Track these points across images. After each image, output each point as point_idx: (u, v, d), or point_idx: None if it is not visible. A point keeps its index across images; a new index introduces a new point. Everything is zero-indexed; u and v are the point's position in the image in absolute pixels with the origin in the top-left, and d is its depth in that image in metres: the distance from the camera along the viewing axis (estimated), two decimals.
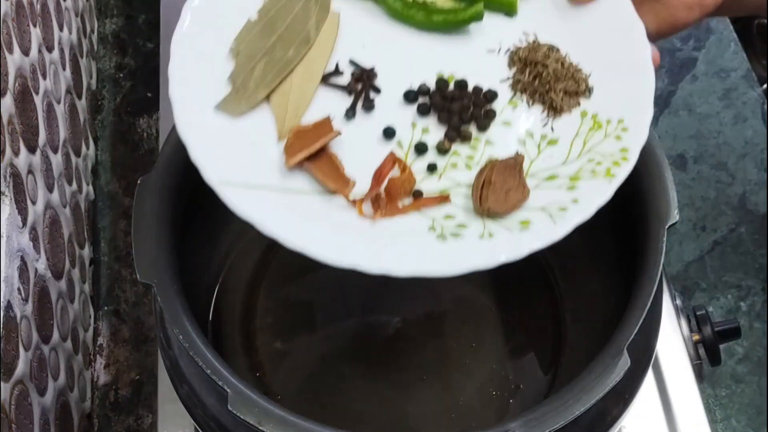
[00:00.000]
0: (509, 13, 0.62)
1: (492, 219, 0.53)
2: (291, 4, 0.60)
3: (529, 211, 0.53)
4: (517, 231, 0.52)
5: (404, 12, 0.61)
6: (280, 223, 0.52)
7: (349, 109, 0.58)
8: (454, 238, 0.53)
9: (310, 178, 0.55)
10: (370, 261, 0.51)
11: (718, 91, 0.96)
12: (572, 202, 0.53)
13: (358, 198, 0.54)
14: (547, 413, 0.52)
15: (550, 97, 0.58)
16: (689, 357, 0.73)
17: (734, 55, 0.98)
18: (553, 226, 0.52)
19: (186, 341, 0.55)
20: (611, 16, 0.60)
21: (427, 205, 0.54)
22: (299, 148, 0.55)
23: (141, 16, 1.03)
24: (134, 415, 0.79)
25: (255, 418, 0.52)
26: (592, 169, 0.55)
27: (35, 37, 0.76)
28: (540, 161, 0.56)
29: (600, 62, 0.59)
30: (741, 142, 0.92)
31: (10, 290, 0.63)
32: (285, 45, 0.59)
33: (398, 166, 0.56)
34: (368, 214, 0.54)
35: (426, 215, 0.54)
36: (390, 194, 0.54)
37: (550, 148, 0.57)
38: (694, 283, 0.84)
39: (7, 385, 0.60)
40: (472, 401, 0.69)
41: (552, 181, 0.55)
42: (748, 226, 0.87)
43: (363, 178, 0.55)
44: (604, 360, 0.54)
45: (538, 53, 0.59)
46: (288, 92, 0.58)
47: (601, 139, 0.56)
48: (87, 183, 0.88)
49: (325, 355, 0.72)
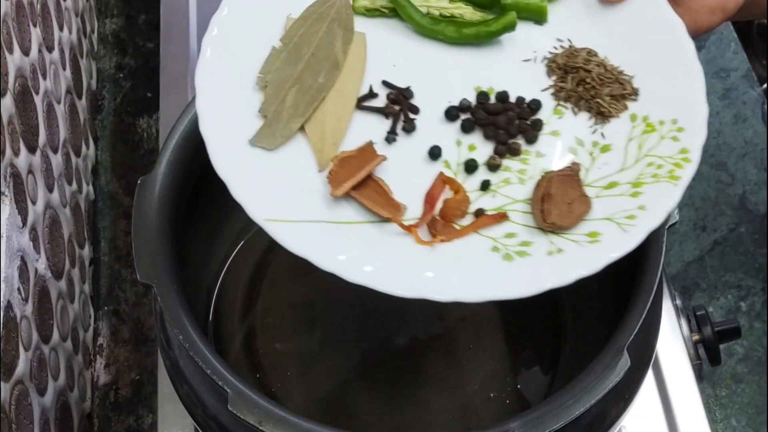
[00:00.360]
0: (539, 20, 0.60)
1: (557, 234, 0.52)
2: (314, 29, 0.58)
3: (595, 222, 0.52)
4: (587, 244, 0.51)
5: (434, 27, 0.59)
6: (338, 258, 0.50)
7: (390, 132, 0.56)
8: (521, 257, 0.51)
9: (358, 207, 0.53)
10: (439, 290, 0.49)
11: (718, 91, 0.96)
12: (639, 209, 0.51)
13: (413, 223, 0.52)
14: (547, 413, 0.52)
15: (597, 102, 0.56)
16: (689, 357, 0.73)
17: (734, 55, 0.98)
18: (624, 234, 0.51)
19: (186, 341, 0.55)
20: (646, 14, 0.59)
21: (486, 225, 0.52)
22: (344, 176, 0.52)
23: (141, 16, 1.03)
24: (134, 415, 0.79)
25: (255, 418, 0.52)
26: (653, 173, 0.53)
27: (35, 37, 0.76)
28: (595, 170, 0.55)
29: (642, 62, 0.58)
30: (741, 142, 0.92)
31: (10, 290, 0.63)
32: (314, 71, 0.57)
33: (450, 187, 0.54)
34: (426, 239, 0.52)
35: (485, 236, 0.52)
36: (446, 217, 0.53)
37: (604, 155, 0.55)
38: (694, 283, 0.84)
39: (7, 385, 0.60)
40: (472, 401, 0.69)
41: (613, 188, 0.53)
42: (748, 226, 0.87)
43: (413, 201, 0.53)
44: (604, 360, 0.54)
45: (577, 58, 0.58)
46: (323, 120, 0.56)
47: (657, 141, 0.55)
48: (87, 183, 0.88)
49: (324, 355, 0.72)
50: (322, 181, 0.54)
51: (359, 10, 0.60)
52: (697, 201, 0.89)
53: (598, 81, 0.57)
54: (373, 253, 0.51)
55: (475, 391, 0.70)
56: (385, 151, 0.55)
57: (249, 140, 0.54)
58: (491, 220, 0.53)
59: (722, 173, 0.90)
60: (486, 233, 0.52)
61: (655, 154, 0.54)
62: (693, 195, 0.89)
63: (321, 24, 0.59)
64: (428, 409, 0.69)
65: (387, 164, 0.54)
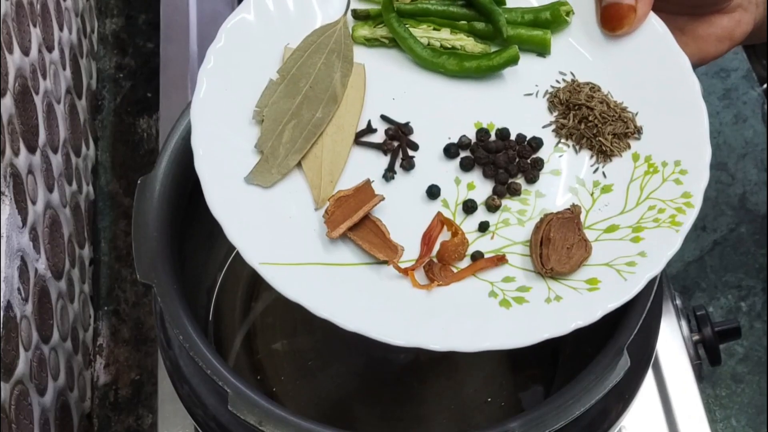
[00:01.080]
0: (542, 52, 0.59)
1: (555, 279, 0.51)
2: (312, 60, 0.57)
3: (595, 268, 0.51)
4: (586, 292, 0.50)
5: (434, 60, 0.58)
6: (333, 304, 0.49)
7: (388, 170, 0.55)
8: (519, 304, 0.50)
9: (355, 249, 0.52)
10: (436, 338, 0.48)
11: (718, 91, 0.96)
12: (639, 256, 0.51)
13: (409, 266, 0.51)
14: (547, 413, 0.52)
15: (599, 141, 0.55)
16: (689, 357, 0.73)
17: (734, 55, 0.98)
18: (624, 283, 0.50)
19: (186, 341, 0.55)
20: (653, 50, 0.57)
21: (484, 268, 0.51)
22: (341, 217, 0.51)
23: (141, 16, 1.03)
24: (134, 415, 0.79)
25: (255, 419, 0.52)
26: (654, 217, 0.52)
27: (35, 37, 0.76)
28: (596, 211, 0.54)
29: (645, 99, 0.57)
30: (741, 142, 0.92)
31: (10, 290, 0.63)
32: (312, 105, 0.56)
33: (447, 228, 0.53)
34: (422, 282, 0.51)
35: (483, 279, 0.51)
36: (443, 259, 0.52)
37: (605, 196, 0.54)
38: (694, 283, 0.84)
39: (7, 385, 0.60)
40: (472, 401, 0.69)
41: (613, 232, 0.52)
42: (748, 226, 0.87)
43: (410, 242, 0.52)
44: (604, 360, 0.54)
45: (580, 94, 0.56)
46: (320, 156, 0.55)
47: (659, 183, 0.54)
48: (87, 183, 0.88)
49: (324, 356, 0.72)
50: (318, 220, 0.53)
51: (359, 40, 0.59)
52: None
53: (600, 119, 0.56)
54: (369, 298, 0.50)
55: (474, 390, 0.70)
56: (383, 188, 0.54)
57: (245, 178, 0.54)
58: (490, 263, 0.52)
59: (722, 173, 0.90)
60: (484, 277, 0.52)
61: (657, 197, 0.53)
62: None
63: (320, 55, 0.57)
64: (428, 409, 0.69)
65: (384, 203, 0.53)
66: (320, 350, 0.72)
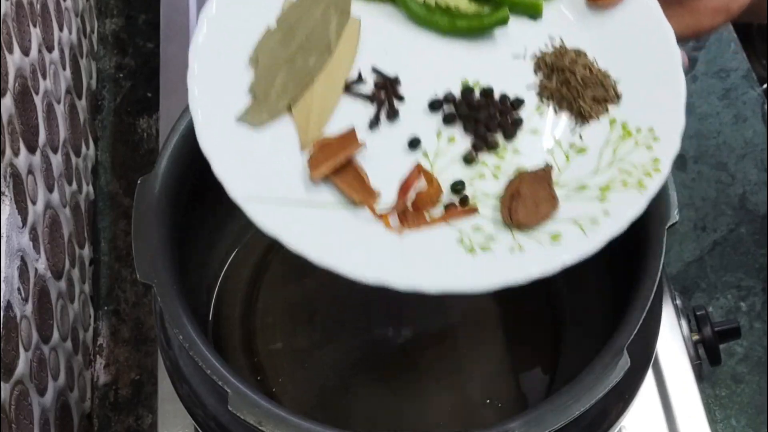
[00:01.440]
0: (534, 15, 0.61)
1: (521, 231, 0.53)
2: (310, 12, 0.59)
3: (560, 223, 0.53)
4: (548, 244, 0.52)
5: (427, 17, 0.60)
6: (307, 240, 0.51)
7: (373, 119, 0.57)
8: (483, 252, 0.52)
9: (336, 191, 0.54)
10: (399, 277, 0.50)
11: (718, 91, 0.96)
12: (604, 215, 0.52)
13: (385, 211, 0.53)
14: (547, 413, 0.52)
15: (579, 104, 0.57)
16: (689, 357, 0.73)
17: (734, 55, 0.98)
18: (585, 239, 0.51)
19: (186, 341, 0.55)
20: (639, 20, 0.59)
21: (455, 217, 0.53)
22: (323, 160, 0.54)
23: (141, 16, 1.03)
24: (134, 415, 0.79)
25: (255, 419, 0.52)
26: (623, 179, 0.54)
27: (35, 37, 0.76)
28: (569, 171, 0.55)
29: (628, 68, 0.58)
30: (741, 142, 0.92)
31: (10, 290, 0.63)
32: (306, 54, 0.58)
33: (425, 178, 0.55)
34: (395, 227, 0.53)
35: (454, 227, 0.53)
36: (417, 206, 0.54)
37: (579, 156, 0.56)
38: (694, 283, 0.84)
39: (7, 385, 0.60)
40: (472, 401, 0.69)
41: (582, 191, 0.54)
42: (748, 226, 0.87)
43: (389, 189, 0.54)
44: (604, 360, 0.54)
45: (565, 58, 0.58)
46: (310, 102, 0.57)
47: (631, 148, 0.55)
48: (87, 183, 0.88)
49: (325, 355, 0.72)
50: (303, 163, 0.55)
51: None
52: (697, 201, 0.89)
53: (581, 83, 0.57)
54: (343, 238, 0.52)
55: (474, 391, 0.70)
56: (367, 136, 0.56)
57: (236, 117, 0.55)
58: (461, 213, 0.54)
59: (722, 173, 0.90)
60: (456, 225, 0.53)
61: (628, 160, 0.55)
62: (693, 195, 0.89)
63: (318, 7, 0.59)
64: (428, 410, 0.69)
65: (367, 151, 0.55)
66: (320, 351, 0.72)
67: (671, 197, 0.59)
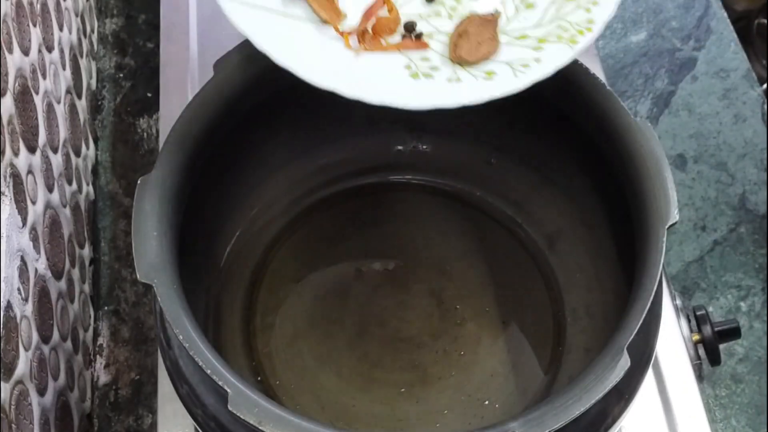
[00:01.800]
0: None
1: (462, 66, 0.59)
2: None
3: (496, 64, 0.59)
4: (482, 79, 0.58)
5: None
6: (273, 42, 0.57)
7: None
8: (425, 78, 0.58)
9: (308, 8, 0.61)
10: (347, 87, 0.56)
11: (718, 91, 0.96)
12: (534, 61, 0.58)
13: (347, 31, 0.60)
14: (547, 413, 0.52)
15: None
16: (689, 357, 0.73)
17: (734, 55, 0.98)
18: (514, 79, 0.57)
19: (186, 341, 0.55)
20: None
21: (407, 48, 0.60)
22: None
23: (141, 16, 1.03)
24: (134, 415, 0.79)
25: (255, 418, 0.52)
26: (558, 34, 0.59)
27: (35, 37, 0.76)
28: (515, 21, 0.62)
29: None
30: (741, 142, 0.92)
31: (10, 290, 0.63)
32: None
33: (387, 7, 0.61)
34: (354, 46, 0.60)
35: (405, 55, 0.60)
36: (376, 31, 0.60)
37: (527, 10, 0.62)
38: (694, 283, 0.84)
39: (7, 385, 0.60)
40: (472, 401, 0.69)
41: (522, 40, 0.60)
42: (748, 226, 0.87)
43: (355, 13, 0.61)
44: (604, 360, 0.54)
45: None
46: None
47: (572, 9, 0.61)
48: (87, 183, 0.88)
49: (324, 356, 0.72)
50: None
51: None
52: (697, 201, 0.89)
53: None
54: (306, 47, 0.58)
55: (474, 390, 0.70)
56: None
57: None
58: (413, 44, 0.60)
59: (722, 173, 0.90)
60: (407, 54, 0.60)
61: (567, 19, 0.60)
62: (693, 195, 0.89)
63: None
64: (428, 409, 0.69)
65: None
66: (320, 350, 0.72)
67: (671, 197, 0.59)
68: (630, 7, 1.01)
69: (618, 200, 0.64)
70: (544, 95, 0.68)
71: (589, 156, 0.67)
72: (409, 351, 0.71)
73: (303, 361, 0.72)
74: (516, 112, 0.74)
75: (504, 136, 0.77)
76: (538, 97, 0.68)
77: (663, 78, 0.96)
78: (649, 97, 0.95)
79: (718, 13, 1.00)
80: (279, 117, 0.73)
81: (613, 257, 0.70)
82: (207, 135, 0.64)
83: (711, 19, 1.00)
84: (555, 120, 0.69)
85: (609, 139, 0.63)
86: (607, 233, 0.71)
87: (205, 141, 0.64)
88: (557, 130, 0.71)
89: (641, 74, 0.97)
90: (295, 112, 0.74)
